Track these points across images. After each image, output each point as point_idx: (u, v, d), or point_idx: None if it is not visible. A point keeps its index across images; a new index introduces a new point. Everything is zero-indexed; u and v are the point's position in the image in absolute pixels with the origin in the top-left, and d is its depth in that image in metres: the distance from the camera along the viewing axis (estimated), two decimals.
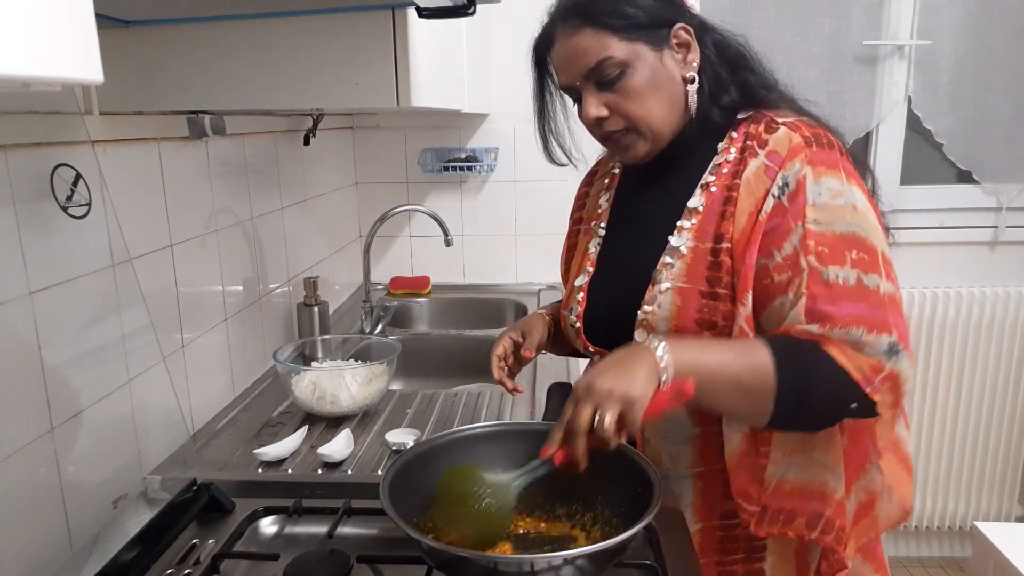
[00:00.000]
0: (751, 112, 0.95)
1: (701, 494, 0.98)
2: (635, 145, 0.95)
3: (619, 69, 0.90)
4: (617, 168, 1.12)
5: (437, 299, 2.35)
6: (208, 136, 1.31)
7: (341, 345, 1.63)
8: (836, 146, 0.90)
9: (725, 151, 0.94)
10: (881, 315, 0.84)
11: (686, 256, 0.92)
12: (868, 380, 0.83)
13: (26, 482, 0.90)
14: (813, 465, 0.92)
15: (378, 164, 2.43)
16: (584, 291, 1.05)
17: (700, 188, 0.94)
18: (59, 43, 0.39)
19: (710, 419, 0.95)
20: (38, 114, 0.93)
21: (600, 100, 0.92)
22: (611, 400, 0.78)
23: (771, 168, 0.88)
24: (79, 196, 0.97)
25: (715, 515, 0.98)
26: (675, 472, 0.99)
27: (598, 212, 1.10)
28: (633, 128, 0.93)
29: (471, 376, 1.95)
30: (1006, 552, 1.83)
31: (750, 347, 0.86)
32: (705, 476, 0.98)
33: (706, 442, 0.96)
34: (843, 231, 0.85)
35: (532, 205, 2.43)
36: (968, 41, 2.34)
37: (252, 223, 1.58)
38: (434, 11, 0.98)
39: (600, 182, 1.14)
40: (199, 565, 0.90)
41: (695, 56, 0.94)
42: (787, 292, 0.86)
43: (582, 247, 1.11)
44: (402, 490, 0.84)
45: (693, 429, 0.97)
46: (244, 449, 1.25)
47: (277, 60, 1.05)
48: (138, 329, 1.12)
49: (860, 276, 0.84)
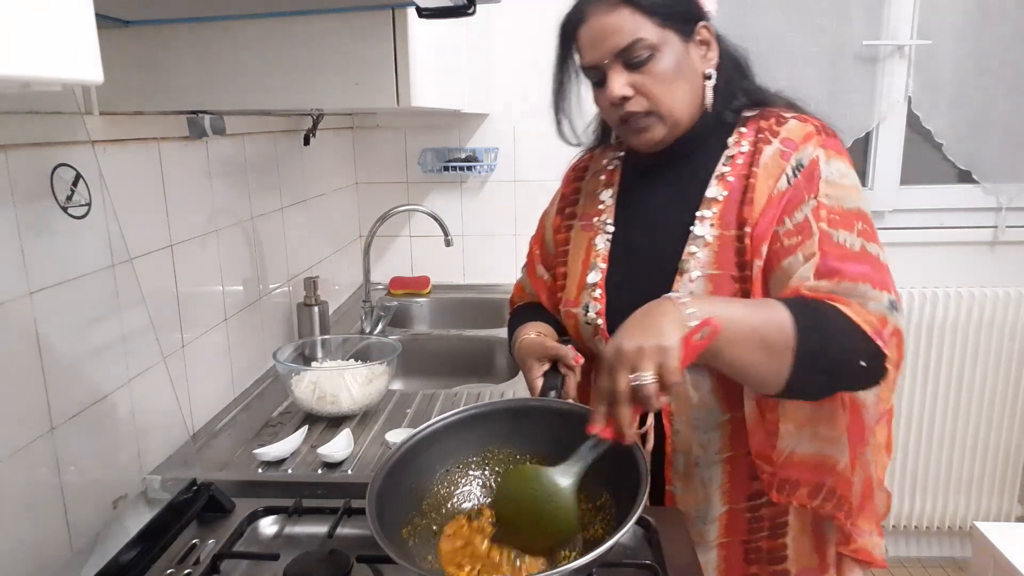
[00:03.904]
0: (757, 111, 1.01)
1: (729, 478, 1.00)
2: (653, 129, 0.97)
3: (649, 52, 0.93)
4: (614, 164, 1.12)
5: (437, 299, 2.35)
6: (208, 136, 1.31)
7: (341, 345, 1.63)
8: (838, 136, 0.99)
9: (736, 144, 0.99)
10: (882, 276, 0.90)
11: (712, 244, 0.95)
12: (878, 333, 0.86)
13: (26, 482, 0.90)
14: (819, 439, 0.94)
15: (378, 164, 2.43)
16: (601, 287, 1.04)
17: (716, 179, 0.98)
18: (59, 43, 0.39)
19: (739, 402, 0.96)
20: (38, 114, 0.93)
21: (626, 80, 0.94)
22: (644, 357, 0.76)
23: (786, 152, 0.94)
24: (79, 196, 0.97)
25: (742, 497, 1.00)
26: (705, 459, 1.00)
27: (599, 208, 1.09)
28: (655, 111, 0.95)
29: (471, 376, 1.95)
30: (1006, 552, 1.83)
31: (768, 303, 0.87)
32: (733, 460, 0.99)
33: (735, 427, 0.98)
34: (850, 207, 0.92)
35: (532, 205, 2.41)
36: (968, 41, 2.33)
37: (252, 223, 1.58)
38: (434, 11, 0.98)
39: (595, 179, 1.14)
40: (199, 565, 0.90)
41: (714, 55, 0.99)
42: (795, 254, 0.90)
43: (582, 243, 1.10)
44: (391, 496, 0.82)
45: (723, 415, 0.98)
46: (244, 449, 1.25)
47: (277, 60, 1.05)
48: (138, 329, 1.12)
49: (864, 244, 0.91)
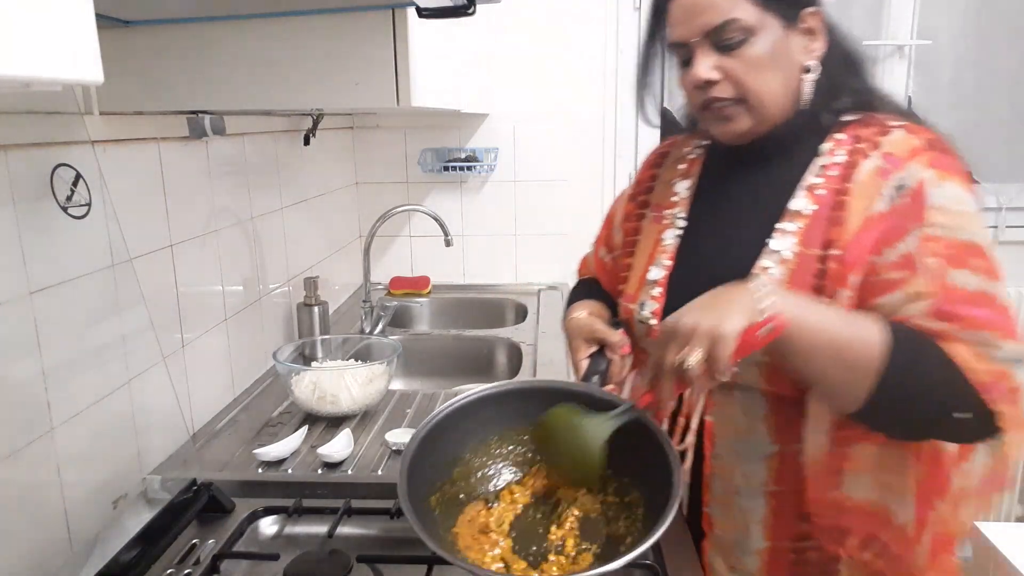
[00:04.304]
0: (859, 116, 0.90)
1: (773, 513, 0.90)
2: (738, 118, 0.88)
3: (743, 35, 0.84)
4: (696, 154, 1.03)
5: (437, 299, 2.35)
6: (208, 136, 1.31)
7: (341, 345, 1.63)
8: (955, 153, 0.86)
9: (830, 152, 0.88)
10: (1005, 321, 0.78)
11: (790, 262, 0.85)
12: (989, 387, 0.75)
13: (26, 482, 0.90)
14: (880, 487, 0.84)
15: (378, 164, 2.43)
16: (662, 286, 0.96)
17: (804, 190, 0.88)
18: (59, 43, 0.39)
19: (789, 435, 0.87)
20: (38, 114, 0.93)
21: (714, 62, 0.86)
22: (697, 337, 0.72)
23: (886, 169, 0.83)
24: (79, 196, 0.97)
25: (787, 535, 0.91)
26: (747, 489, 0.91)
27: (672, 200, 1.01)
28: (742, 99, 0.87)
29: (471, 376, 1.95)
30: (1006, 552, 1.83)
31: (862, 319, 0.78)
32: (779, 496, 0.90)
33: (784, 461, 0.88)
34: (965, 239, 0.79)
35: (532, 205, 2.43)
36: (968, 41, 2.34)
37: (252, 223, 1.58)
38: (434, 11, 0.98)
39: (673, 167, 1.05)
40: (199, 565, 0.90)
41: (819, 46, 0.89)
42: (897, 291, 0.80)
43: (652, 235, 1.01)
44: (422, 464, 0.82)
45: (771, 446, 0.89)
46: (244, 449, 1.25)
47: (277, 60, 1.05)
48: (138, 329, 1.12)
49: (983, 283, 0.79)
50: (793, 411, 0.86)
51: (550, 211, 2.43)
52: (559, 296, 2.32)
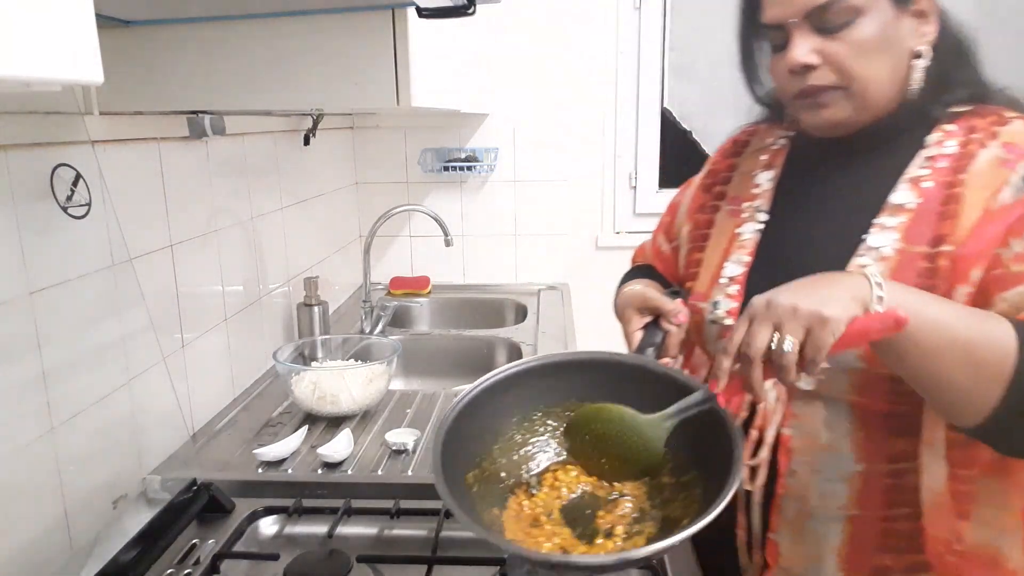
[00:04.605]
0: (971, 107, 0.82)
1: (850, 541, 0.81)
2: (836, 106, 0.80)
3: (850, 16, 0.76)
4: (779, 144, 0.96)
5: (437, 299, 2.35)
6: (208, 136, 1.31)
7: (341, 345, 1.63)
8: None
9: (938, 143, 0.81)
10: None
11: (891, 259, 0.78)
12: None
13: (26, 482, 0.90)
14: (982, 526, 0.76)
15: (378, 164, 2.43)
16: (740, 283, 0.89)
17: (908, 182, 0.80)
18: (59, 43, 0.39)
19: (877, 454, 0.79)
20: (38, 114, 0.93)
21: (814, 45, 0.78)
22: (796, 318, 0.64)
23: (1009, 159, 0.76)
24: (79, 196, 0.97)
25: (865, 569, 0.81)
26: (822, 512, 0.82)
27: (752, 192, 0.94)
28: (844, 86, 0.79)
29: (471, 376, 1.94)
30: None
31: (988, 316, 0.70)
32: (858, 522, 0.80)
33: (868, 482, 0.79)
34: None
35: (532, 205, 2.43)
36: None
37: (252, 223, 1.58)
38: (434, 11, 0.98)
39: (754, 157, 0.97)
40: (199, 565, 0.90)
41: (931, 30, 0.80)
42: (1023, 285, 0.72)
43: (727, 229, 0.94)
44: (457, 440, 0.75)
45: (855, 465, 0.80)
46: (244, 449, 1.25)
47: (277, 60, 1.05)
48: (138, 329, 1.12)
49: None
50: (882, 428, 0.78)
51: (550, 211, 2.43)
52: (559, 296, 2.33)
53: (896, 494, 0.79)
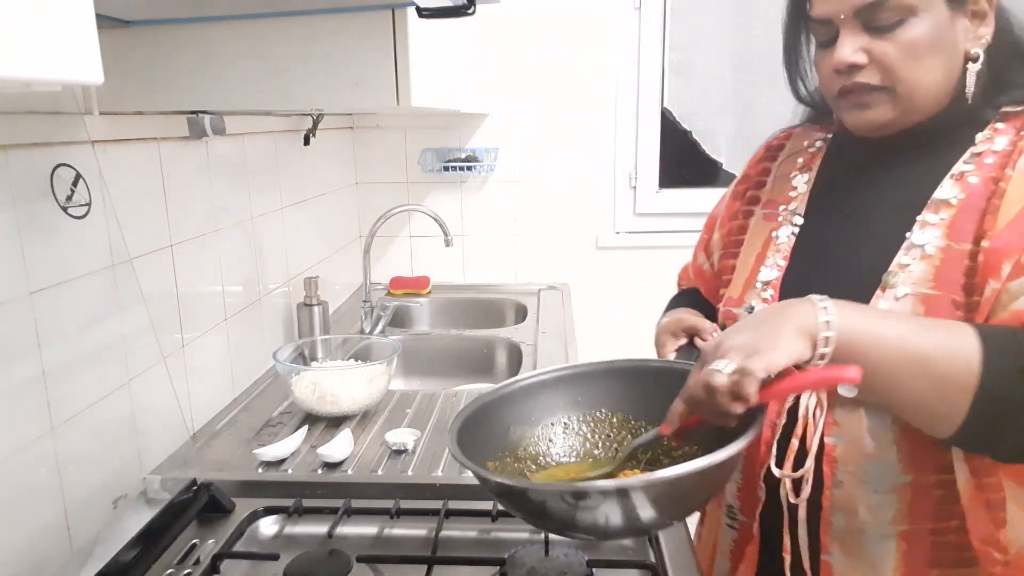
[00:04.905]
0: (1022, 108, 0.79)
1: (905, 559, 0.78)
2: (880, 107, 0.78)
3: (902, 15, 0.74)
4: (816, 146, 0.94)
5: (437, 299, 2.35)
6: (208, 136, 1.31)
7: (341, 345, 1.64)
8: None
9: (987, 140, 0.78)
10: None
11: (934, 257, 0.75)
12: None
13: (26, 482, 0.90)
14: (1020, 532, 0.73)
15: (378, 164, 2.43)
16: (775, 288, 0.86)
17: (952, 178, 0.78)
18: (59, 43, 0.39)
19: (925, 464, 0.76)
20: (38, 114, 0.93)
21: (862, 44, 0.76)
22: (733, 351, 0.66)
23: None
24: (79, 196, 0.97)
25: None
26: (874, 529, 0.78)
27: (789, 195, 0.92)
28: (890, 88, 0.77)
29: (471, 376, 1.95)
30: None
31: (950, 325, 0.69)
32: (911, 537, 0.77)
33: (918, 494, 0.76)
34: None
35: (532, 205, 2.43)
36: None
37: (252, 223, 1.58)
38: (434, 11, 0.98)
39: (791, 160, 0.95)
40: (199, 565, 0.91)
41: (987, 32, 0.77)
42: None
43: (761, 233, 0.93)
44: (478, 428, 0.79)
45: (902, 476, 0.76)
46: (244, 449, 1.25)
47: (277, 60, 1.05)
48: (138, 329, 1.12)
49: None
50: (927, 436, 0.73)
51: (550, 211, 2.43)
52: (559, 296, 2.33)
53: (945, 506, 0.76)
